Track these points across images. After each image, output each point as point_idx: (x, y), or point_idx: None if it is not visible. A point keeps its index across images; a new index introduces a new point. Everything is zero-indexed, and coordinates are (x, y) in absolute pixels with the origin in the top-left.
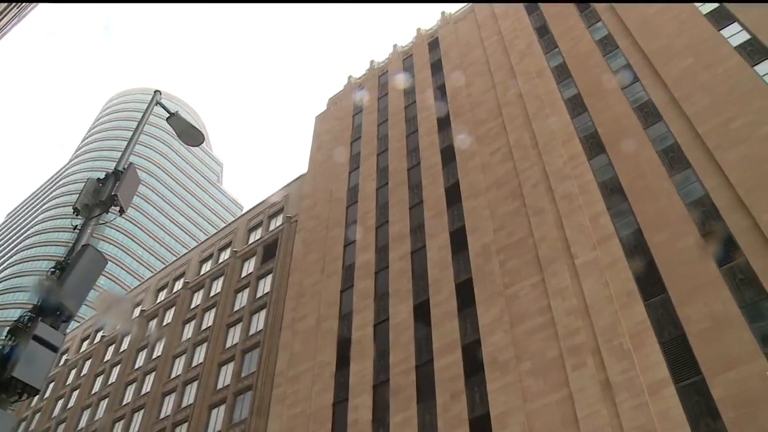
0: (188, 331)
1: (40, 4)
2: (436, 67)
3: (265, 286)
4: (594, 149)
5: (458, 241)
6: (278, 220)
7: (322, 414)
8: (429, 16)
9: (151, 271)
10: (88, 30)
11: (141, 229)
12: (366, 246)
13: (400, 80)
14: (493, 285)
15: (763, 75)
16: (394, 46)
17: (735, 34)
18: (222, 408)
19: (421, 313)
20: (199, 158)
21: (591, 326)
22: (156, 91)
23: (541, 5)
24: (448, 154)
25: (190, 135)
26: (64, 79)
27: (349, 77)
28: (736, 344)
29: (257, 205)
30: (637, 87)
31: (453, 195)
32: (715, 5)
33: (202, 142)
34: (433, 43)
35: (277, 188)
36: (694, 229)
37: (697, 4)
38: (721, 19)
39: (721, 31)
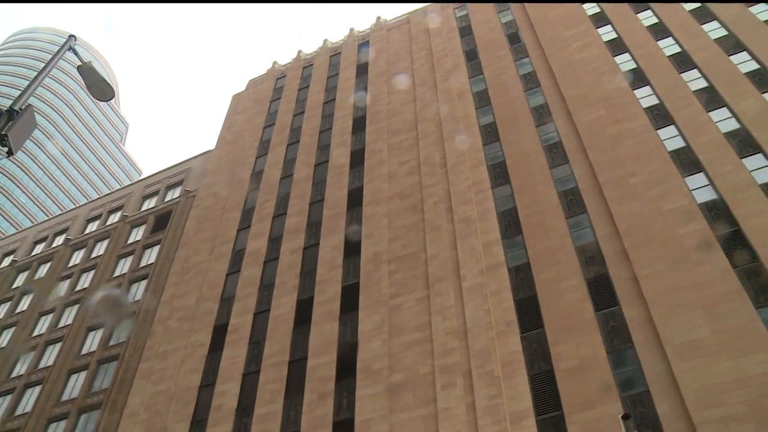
0: (61, 289)
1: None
2: (362, 70)
3: (150, 256)
4: (499, 179)
5: (352, 244)
6: (176, 192)
7: (187, 395)
8: (365, 19)
9: (32, 221)
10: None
11: (28, 175)
12: (259, 234)
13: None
14: (378, 293)
15: (664, 139)
16: (325, 41)
17: (646, 96)
18: (83, 374)
19: (304, 309)
20: (105, 114)
21: (467, 349)
22: (71, 36)
23: (475, 32)
24: (357, 157)
25: (100, 89)
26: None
27: (274, 63)
28: (597, 386)
29: (157, 173)
30: (551, 127)
31: (355, 198)
32: (634, 66)
33: (112, 98)
34: (363, 46)
35: (181, 160)
36: (579, 272)
37: (617, 60)
38: (636, 80)
39: (635, 91)
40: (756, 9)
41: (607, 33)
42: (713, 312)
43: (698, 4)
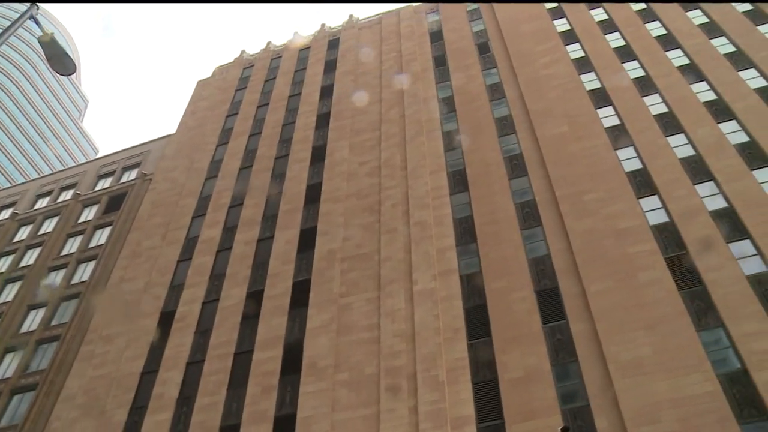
0: (3, 264)
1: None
2: (330, 67)
3: (101, 237)
4: (458, 186)
5: (306, 240)
6: (132, 174)
7: (129, 380)
8: (337, 16)
9: None
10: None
11: None
12: (214, 223)
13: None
14: (329, 291)
15: (622, 159)
16: (295, 33)
17: (608, 116)
18: (19, 354)
19: (253, 302)
20: (65, 89)
21: (413, 352)
22: (32, 4)
23: (446, 38)
24: (318, 154)
25: (62, 62)
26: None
27: (242, 52)
28: (539, 398)
29: (114, 153)
30: (513, 139)
31: (313, 194)
32: (598, 85)
33: (73, 73)
34: (333, 42)
35: (141, 142)
36: (530, 284)
37: (583, 78)
38: (599, 99)
39: (598, 110)
40: (717, 42)
41: (575, 51)
42: (656, 332)
43: (664, 31)
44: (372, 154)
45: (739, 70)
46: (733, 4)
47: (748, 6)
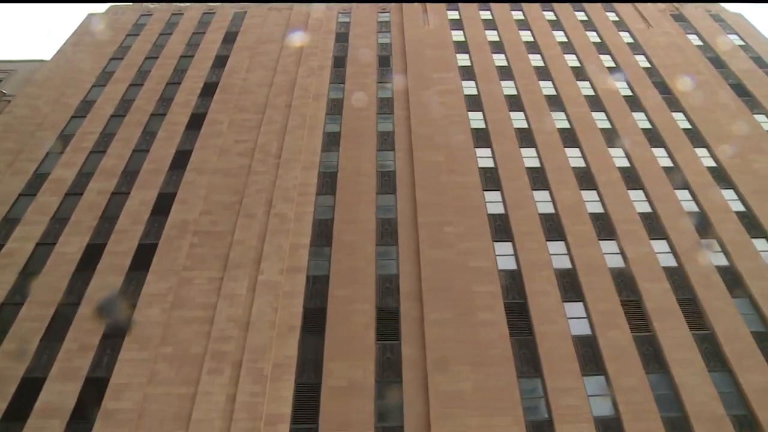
0: None
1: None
2: (229, 38)
3: None
4: (326, 188)
5: (163, 204)
6: None
7: None
8: None
9: None
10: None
11: None
12: (70, 164)
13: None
14: (173, 261)
15: (488, 201)
16: None
17: (485, 158)
18: None
19: (92, 254)
20: None
21: (244, 341)
22: None
23: (350, 42)
24: (195, 121)
25: None
26: None
27: None
28: (357, 411)
29: None
30: (390, 155)
31: (180, 160)
32: (483, 126)
33: None
34: (239, 15)
35: (7, 59)
36: (373, 299)
37: (470, 116)
38: (480, 140)
39: (477, 149)
40: (597, 116)
41: (469, 88)
42: (481, 370)
43: (554, 92)
44: (249, 135)
45: (608, 147)
46: (618, 85)
47: (629, 92)
